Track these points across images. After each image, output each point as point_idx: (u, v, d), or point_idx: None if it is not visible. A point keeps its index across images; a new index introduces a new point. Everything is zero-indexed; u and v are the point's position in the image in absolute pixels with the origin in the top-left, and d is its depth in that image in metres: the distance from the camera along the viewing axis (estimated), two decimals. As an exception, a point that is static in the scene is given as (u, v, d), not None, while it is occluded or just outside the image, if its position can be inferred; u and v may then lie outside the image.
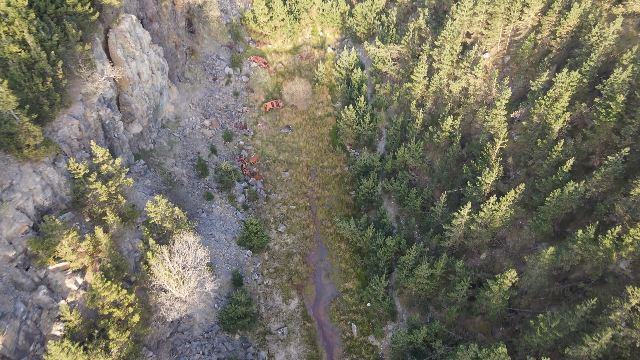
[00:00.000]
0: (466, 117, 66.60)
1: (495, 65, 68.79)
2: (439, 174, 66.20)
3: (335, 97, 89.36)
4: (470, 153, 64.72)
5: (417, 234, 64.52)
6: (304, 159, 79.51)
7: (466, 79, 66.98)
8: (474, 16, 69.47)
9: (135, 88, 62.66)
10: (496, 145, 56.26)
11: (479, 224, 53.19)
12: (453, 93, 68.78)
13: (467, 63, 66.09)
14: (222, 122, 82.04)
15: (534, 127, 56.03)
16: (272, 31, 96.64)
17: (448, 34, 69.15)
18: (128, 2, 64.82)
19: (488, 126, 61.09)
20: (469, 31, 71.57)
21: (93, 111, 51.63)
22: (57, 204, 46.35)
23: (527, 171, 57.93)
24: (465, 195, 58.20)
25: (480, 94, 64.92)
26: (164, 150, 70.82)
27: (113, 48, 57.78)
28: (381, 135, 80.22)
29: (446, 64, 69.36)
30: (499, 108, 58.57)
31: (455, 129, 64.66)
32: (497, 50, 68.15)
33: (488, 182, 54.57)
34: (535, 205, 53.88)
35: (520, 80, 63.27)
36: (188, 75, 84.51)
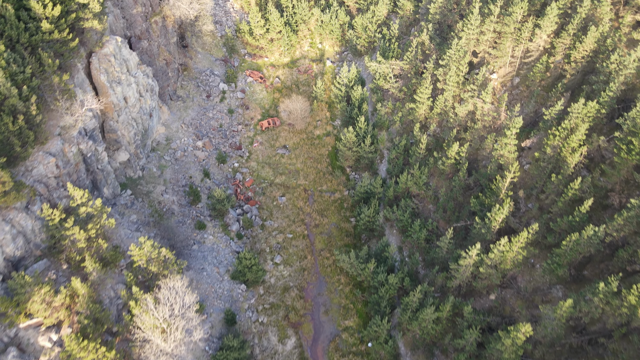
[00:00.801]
0: (473, 143, 62.77)
1: (503, 88, 64.92)
2: (444, 203, 62.40)
3: (335, 114, 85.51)
4: (478, 182, 60.92)
5: (422, 269, 60.78)
6: (301, 182, 75.70)
7: (473, 102, 63.11)
8: (481, 35, 65.55)
9: (121, 114, 58.82)
10: (506, 179, 52.44)
11: (489, 265, 49.43)
12: (459, 116, 64.93)
13: (474, 86, 62.21)
14: (215, 142, 78.20)
15: (547, 160, 52.20)
16: (268, 44, 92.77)
17: (454, 54, 65.27)
18: (114, 21, 60.92)
19: (497, 155, 57.25)
20: (476, 50, 67.66)
21: (72, 145, 47.80)
22: (31, 251, 42.59)
23: (539, 205, 54.14)
24: (473, 231, 54.41)
25: (489, 119, 61.05)
26: (154, 176, 66.98)
27: (96, 74, 53.92)
28: (383, 157, 76.38)
29: (451, 85, 65.48)
30: (509, 137, 54.74)
31: (462, 157, 60.84)
32: (505, 72, 64.26)
33: (498, 220, 50.76)
34: (549, 245, 50.11)
35: (530, 104, 59.41)
36: (180, 92, 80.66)
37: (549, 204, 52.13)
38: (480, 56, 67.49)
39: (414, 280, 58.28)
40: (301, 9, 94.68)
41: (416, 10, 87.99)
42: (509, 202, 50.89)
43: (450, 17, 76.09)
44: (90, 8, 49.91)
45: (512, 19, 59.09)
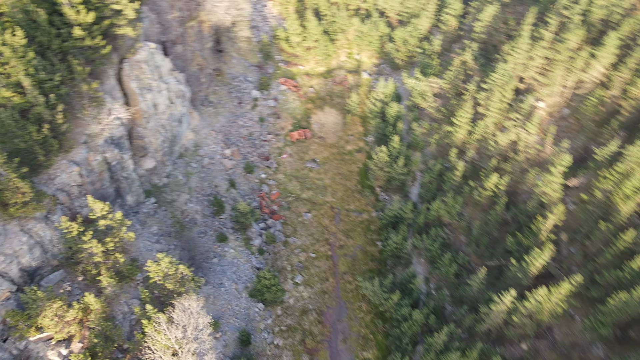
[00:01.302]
0: (513, 175, 58.96)
1: (551, 118, 60.78)
2: (477, 237, 58.87)
3: (368, 129, 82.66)
4: (516, 218, 57.13)
5: (449, 305, 57.43)
6: (328, 199, 73.23)
7: (516, 132, 59.29)
8: (529, 60, 61.58)
9: (150, 120, 57.72)
10: (548, 221, 48.66)
11: (523, 314, 45.82)
12: (500, 145, 61.20)
13: (519, 114, 58.36)
14: (244, 151, 76.59)
15: (596, 204, 48.12)
16: (304, 52, 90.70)
17: (498, 78, 61.56)
18: (149, 26, 59.90)
19: (539, 191, 53.41)
20: (523, 76, 63.65)
21: (98, 154, 46.74)
22: (48, 261, 41.61)
23: (583, 251, 50.06)
24: (507, 273, 50.79)
25: (532, 152, 57.13)
26: (179, 184, 65.78)
27: (127, 80, 52.85)
28: (415, 180, 73.14)
29: (494, 111, 61.80)
30: (555, 174, 50.88)
31: (500, 190, 57.17)
32: (554, 101, 60.12)
33: (536, 265, 47.06)
34: (592, 299, 46.11)
35: (580, 139, 55.23)
36: (212, 98, 79.45)
37: (595, 252, 48.04)
38: (527, 82, 63.48)
39: (440, 318, 55.02)
40: (340, 17, 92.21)
41: (460, 26, 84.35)
42: (550, 246, 47.10)
43: (497, 37, 72.23)
44: (124, 14, 48.76)
45: (566, 47, 55.03)
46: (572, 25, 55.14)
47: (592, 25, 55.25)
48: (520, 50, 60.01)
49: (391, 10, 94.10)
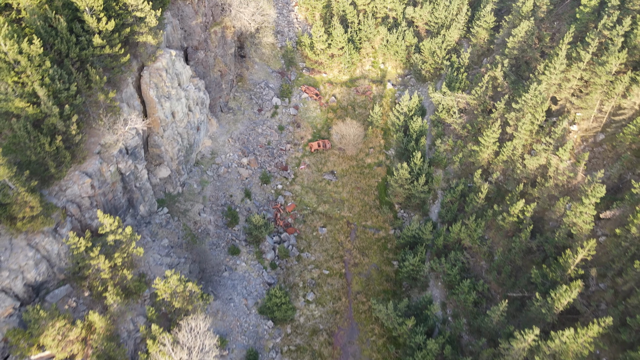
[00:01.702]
0: (541, 202, 56.00)
1: (584, 143, 57.58)
2: (499, 264, 56.12)
3: (389, 142, 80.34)
4: (542, 247, 54.19)
5: (466, 334, 54.87)
6: (345, 214, 71.23)
7: (547, 156, 56.30)
8: (564, 81, 58.46)
9: (167, 129, 56.67)
10: (578, 256, 45.75)
11: (546, 354, 43.08)
12: (528, 169, 58.26)
13: (551, 138, 55.34)
14: (261, 160, 75.16)
15: (630, 240, 45.02)
16: (328, 59, 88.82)
17: (530, 99, 58.60)
18: (171, 32, 58.84)
19: (568, 222, 50.43)
20: (557, 97, 60.51)
21: (111, 165, 45.75)
22: (54, 275, 40.73)
23: (614, 289, 46.95)
24: (531, 307, 48.02)
25: (563, 179, 54.10)
26: (193, 193, 64.68)
27: (146, 88, 51.84)
28: (436, 198, 70.56)
29: (523, 133, 58.87)
30: (587, 206, 47.87)
31: (526, 217, 54.29)
32: (589, 126, 56.90)
33: (563, 302, 44.24)
34: (622, 342, 43.09)
35: (615, 168, 51.97)
36: (232, 104, 78.24)
37: (627, 291, 44.96)
38: (561, 104, 60.33)
39: (456, 349, 52.52)
40: (367, 26, 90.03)
41: (491, 40, 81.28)
42: (579, 283, 44.20)
43: (530, 54, 69.07)
44: (146, 22, 47.69)
45: (605, 70, 51.85)
46: (613, 47, 51.88)
47: (635, 49, 51.94)
48: (556, 71, 56.93)
49: (420, 20, 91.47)
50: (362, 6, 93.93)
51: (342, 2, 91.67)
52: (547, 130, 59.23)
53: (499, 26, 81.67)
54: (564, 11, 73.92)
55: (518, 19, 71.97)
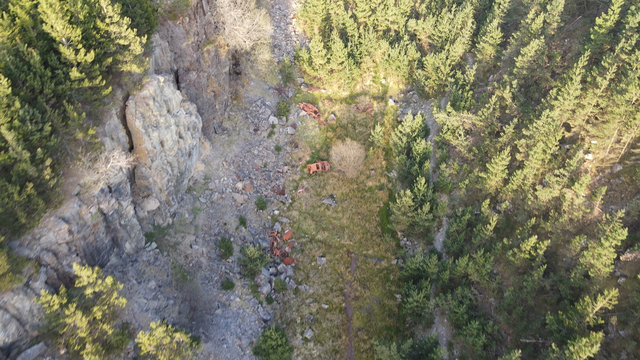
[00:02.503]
0: (555, 237, 52.49)
1: (600, 173, 54.04)
2: (510, 303, 52.64)
3: (391, 163, 76.78)
4: (556, 287, 50.70)
5: (474, 380, 51.43)
6: (345, 242, 67.68)
7: (560, 189, 52.78)
8: (579, 107, 54.95)
9: (155, 159, 53.10)
10: (597, 304, 42.26)
11: (564, 415, 39.67)
12: (540, 200, 54.75)
13: (565, 171, 51.79)
14: (257, 184, 71.60)
15: (656, 289, 41.57)
16: (327, 75, 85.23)
17: (542, 126, 55.06)
18: (160, 55, 55.27)
19: (585, 262, 46.96)
20: (570, 123, 56.97)
21: (92, 207, 42.20)
22: (27, 333, 37.18)
23: (635, 339, 43.47)
24: (547, 358, 44.50)
25: (578, 214, 50.56)
26: (185, 223, 61.13)
27: (131, 119, 48.27)
28: (441, 226, 67.04)
29: (535, 162, 55.35)
30: (606, 248, 44.38)
31: (539, 254, 50.80)
32: (605, 156, 53.36)
33: (582, 357, 40.72)
34: (647, 404, 39.67)
35: (634, 203, 48.45)
36: (227, 124, 74.67)
37: (651, 345, 41.49)
38: (574, 131, 56.80)
39: (464, 398, 49.07)
40: (367, 39, 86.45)
41: (498, 56, 77.74)
42: (599, 336, 40.69)
43: (540, 74, 65.53)
44: (131, 50, 44.12)
45: (624, 98, 48.31)
46: (632, 73, 48.35)
47: (656, 75, 48.49)
48: (569, 97, 53.39)
49: (423, 33, 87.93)
50: (362, 19, 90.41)
51: (341, 15, 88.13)
52: (560, 159, 55.74)
53: (506, 42, 78.15)
54: (575, 28, 70.40)
55: (527, 37, 68.44)
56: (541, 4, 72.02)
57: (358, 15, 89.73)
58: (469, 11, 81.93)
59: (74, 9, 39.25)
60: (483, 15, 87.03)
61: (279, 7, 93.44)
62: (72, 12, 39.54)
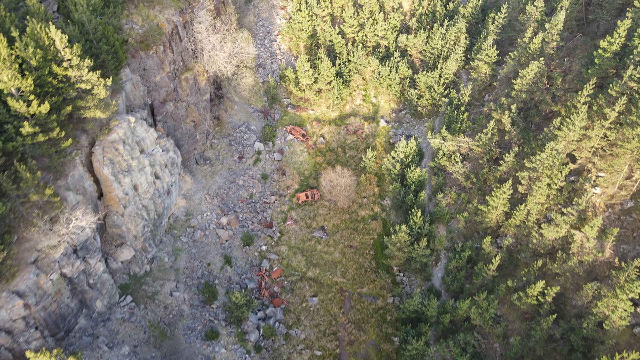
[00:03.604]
0: (563, 280, 48.81)
1: (609, 209, 50.38)
2: (517, 353, 48.87)
3: (384, 190, 72.75)
4: (567, 337, 46.98)
5: None
6: (338, 279, 63.52)
7: (568, 229, 49.06)
8: (585, 139, 51.30)
9: (128, 205, 48.52)
10: (616, 365, 38.57)
11: None
12: (545, 239, 51.01)
13: (573, 210, 48.03)
14: (243, 218, 67.17)
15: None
16: (315, 95, 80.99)
17: (546, 159, 51.32)
18: (132, 90, 50.64)
19: (599, 313, 43.26)
20: (576, 155, 53.29)
21: (53, 273, 37.61)
22: None
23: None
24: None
25: (588, 258, 46.82)
26: (164, 268, 56.59)
27: (98, 167, 43.67)
28: (439, 260, 63.15)
29: (539, 198, 51.61)
30: (621, 299, 40.70)
31: (548, 301, 47.07)
32: (614, 192, 49.72)
33: None
34: None
35: (649, 245, 44.94)
36: (209, 153, 70.14)
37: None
38: (580, 163, 53.14)
39: None
40: (357, 57, 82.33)
41: (493, 75, 74.05)
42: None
43: (540, 97, 61.88)
44: (94, 94, 39.53)
45: (635, 132, 44.67)
46: (642, 104, 44.79)
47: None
48: (574, 128, 49.69)
49: (414, 49, 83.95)
50: (350, 34, 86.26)
51: (328, 32, 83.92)
52: (565, 193, 52.07)
53: (502, 60, 74.53)
54: (574, 46, 66.92)
55: (525, 57, 64.77)
56: (538, 20, 68.46)
57: (346, 31, 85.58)
58: (461, 26, 78.14)
59: (25, 54, 34.67)
60: (476, 29, 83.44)
61: (262, 23, 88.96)
62: (23, 58, 34.93)
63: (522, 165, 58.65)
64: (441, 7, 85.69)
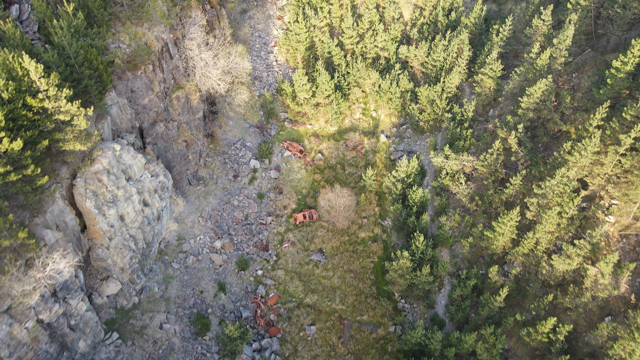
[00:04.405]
0: (575, 315, 46.08)
1: (623, 240, 47.63)
2: (526, 392, 46.17)
3: (385, 209, 69.98)
4: (580, 377, 44.30)
5: None
6: (337, 306, 60.77)
7: (580, 262, 46.34)
8: (597, 164, 48.57)
9: (114, 237, 45.73)
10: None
11: None
12: (556, 270, 48.28)
13: (586, 242, 45.30)
14: (237, 241, 64.40)
15: None
16: (313, 109, 78.14)
17: (556, 186, 48.57)
18: (118, 114, 47.82)
19: (615, 354, 40.54)
20: (588, 181, 50.54)
21: (28, 321, 34.81)
22: None
23: None
24: None
25: (604, 295, 44.11)
26: (154, 299, 53.78)
27: (80, 200, 40.87)
28: (442, 286, 60.41)
29: (549, 227, 48.88)
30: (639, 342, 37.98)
31: (560, 340, 44.36)
32: (629, 222, 46.97)
33: None
34: None
35: (667, 281, 42.23)
36: (203, 172, 67.32)
37: None
38: (592, 189, 50.40)
39: None
40: (356, 69, 79.52)
41: (498, 89, 71.34)
42: None
43: (548, 116, 59.15)
44: (74, 125, 36.72)
45: (654, 162, 41.94)
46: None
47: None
48: (586, 153, 46.95)
49: (415, 60, 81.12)
50: (349, 46, 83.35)
51: (327, 43, 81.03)
52: (577, 222, 49.33)
53: (507, 74, 71.81)
54: (583, 61, 64.17)
55: (532, 73, 62.01)
56: (545, 34, 65.69)
57: (345, 42, 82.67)
58: (464, 37, 75.38)
59: (-4, 86, 31.82)
60: (479, 40, 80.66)
61: (258, 34, 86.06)
62: (-7, 91, 32.11)
63: (529, 189, 55.99)
64: (443, 17, 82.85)
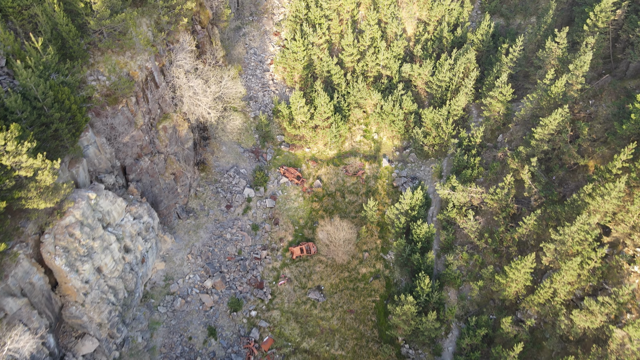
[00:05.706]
0: (598, 380, 41.83)
1: (651, 293, 43.40)
2: None
3: (387, 242, 65.75)
4: None
5: None
6: (336, 352, 56.55)
7: (605, 320, 42.07)
8: (622, 211, 44.29)
9: (90, 292, 41.51)
10: None
11: None
12: (576, 326, 44.03)
13: (612, 301, 41.04)
14: (230, 278, 60.18)
15: None
16: (311, 132, 73.86)
17: (576, 233, 44.29)
18: (95, 154, 43.58)
19: None
20: (611, 227, 46.24)
21: (-17, 407, 30.55)
22: None
23: None
24: None
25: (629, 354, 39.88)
26: (137, 351, 49.57)
27: (49, 258, 36.67)
28: (450, 330, 56.17)
29: (568, 278, 44.63)
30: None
31: (582, 408, 40.14)
32: (658, 275, 42.75)
33: None
34: None
35: (703, 346, 37.94)
36: (193, 204, 63.08)
37: None
38: (615, 236, 46.10)
39: None
40: (357, 89, 75.22)
41: (508, 114, 67.07)
42: None
43: (564, 149, 54.87)
44: (38, 181, 32.46)
45: (688, 214, 37.62)
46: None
47: None
48: (609, 198, 42.71)
49: (419, 79, 76.85)
50: (350, 64, 79.08)
51: (326, 61, 76.68)
52: (599, 273, 45.06)
53: (518, 98, 67.55)
54: (600, 87, 59.86)
55: (545, 100, 57.72)
56: (560, 58, 61.34)
57: (345, 60, 78.39)
58: (471, 56, 71.11)
59: (-58, 146, 27.56)
60: (487, 58, 76.43)
61: (253, 52, 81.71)
62: (-61, 151, 27.86)
63: (544, 228, 51.74)
64: (448, 33, 78.63)
